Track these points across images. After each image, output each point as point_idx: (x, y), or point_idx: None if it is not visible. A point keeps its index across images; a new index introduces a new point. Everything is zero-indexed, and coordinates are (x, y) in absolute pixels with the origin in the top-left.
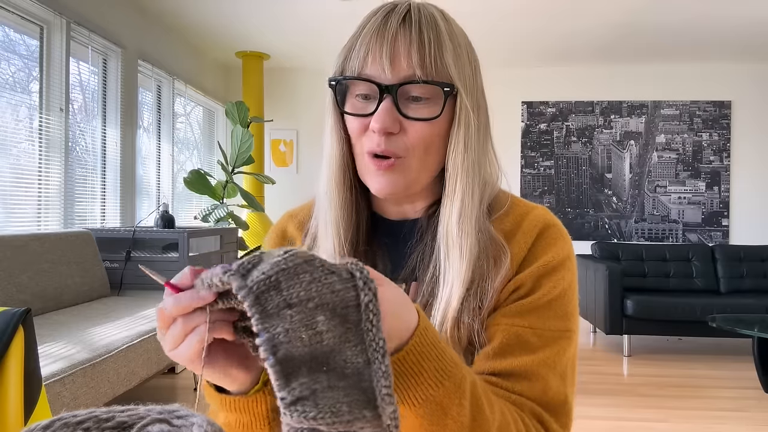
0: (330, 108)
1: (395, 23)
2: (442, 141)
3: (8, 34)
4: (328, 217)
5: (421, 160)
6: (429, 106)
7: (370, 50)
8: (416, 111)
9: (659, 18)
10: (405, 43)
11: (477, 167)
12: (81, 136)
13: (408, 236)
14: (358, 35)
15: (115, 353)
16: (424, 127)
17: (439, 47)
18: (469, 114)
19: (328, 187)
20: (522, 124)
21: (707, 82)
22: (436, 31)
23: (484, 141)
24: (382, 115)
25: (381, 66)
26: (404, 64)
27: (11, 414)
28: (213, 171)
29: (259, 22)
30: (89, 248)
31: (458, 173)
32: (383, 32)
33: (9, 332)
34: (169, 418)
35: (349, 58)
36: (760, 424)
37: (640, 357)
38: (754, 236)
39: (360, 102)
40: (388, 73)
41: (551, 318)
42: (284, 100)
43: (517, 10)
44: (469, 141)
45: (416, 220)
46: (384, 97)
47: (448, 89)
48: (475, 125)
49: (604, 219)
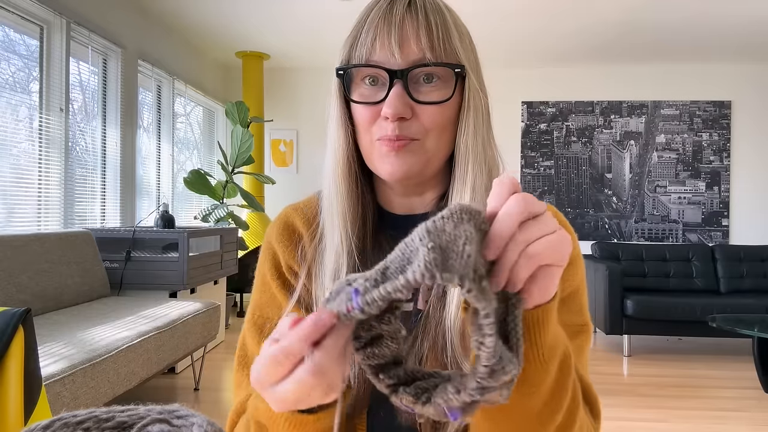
0: (335, 98)
1: (401, 9)
2: (453, 124)
3: (8, 34)
4: (333, 209)
5: (436, 141)
6: (440, 89)
7: (378, 36)
8: (427, 94)
9: (659, 18)
10: (413, 27)
11: (485, 151)
12: (81, 136)
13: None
14: (363, 23)
15: (115, 353)
16: (436, 110)
17: (447, 31)
18: (479, 95)
19: (333, 178)
20: (522, 124)
21: (707, 82)
22: (442, 16)
23: (489, 126)
24: (393, 101)
25: (390, 51)
26: (414, 47)
27: (11, 414)
28: (213, 171)
29: (259, 22)
30: (89, 248)
31: (468, 155)
32: (390, 18)
33: (9, 332)
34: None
35: (356, 46)
36: (760, 424)
37: (640, 357)
38: (754, 236)
39: (367, 89)
40: (398, 57)
41: (568, 313)
42: (284, 100)
43: (517, 10)
44: (479, 123)
45: (425, 214)
46: (394, 83)
47: (458, 70)
48: (483, 107)
49: (604, 219)
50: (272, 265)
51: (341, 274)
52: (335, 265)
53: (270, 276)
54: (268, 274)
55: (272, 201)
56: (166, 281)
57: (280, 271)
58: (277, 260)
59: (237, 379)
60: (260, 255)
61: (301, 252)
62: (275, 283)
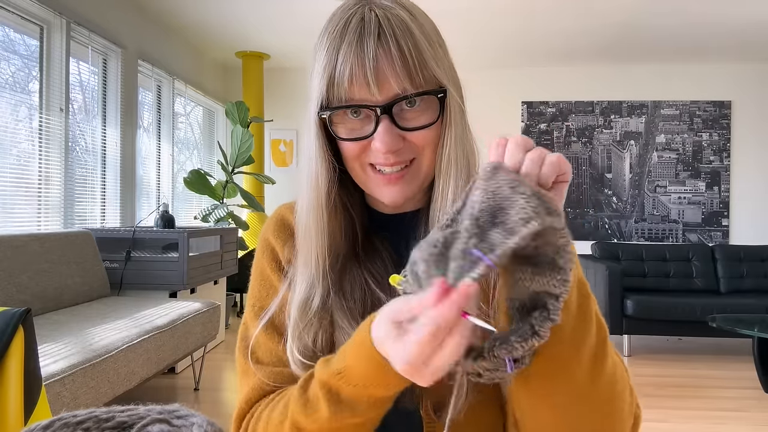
0: (316, 135)
1: (372, 43)
2: (441, 137)
3: (8, 34)
4: (312, 243)
5: (430, 157)
6: (424, 110)
7: (354, 76)
8: (414, 120)
9: (659, 17)
10: (388, 61)
11: (465, 152)
12: (81, 136)
13: (409, 228)
14: (334, 57)
15: (115, 353)
16: (426, 132)
17: (421, 55)
18: (460, 109)
19: (316, 213)
20: (522, 124)
21: (707, 82)
22: (413, 39)
23: (465, 123)
24: (383, 136)
25: (368, 90)
26: (392, 83)
27: (11, 414)
28: (213, 171)
29: (259, 22)
30: (89, 248)
31: (451, 161)
32: (361, 54)
33: (9, 332)
34: (169, 418)
35: (333, 86)
36: (760, 424)
37: (640, 357)
38: (754, 236)
39: (351, 121)
40: (377, 95)
41: None
42: (284, 100)
43: (517, 9)
44: (458, 131)
45: (417, 211)
46: (381, 119)
47: (441, 95)
48: (461, 115)
49: (604, 219)
50: (271, 259)
51: (313, 302)
52: (306, 294)
53: (270, 269)
54: (267, 268)
55: (272, 201)
56: (166, 281)
57: (279, 264)
58: (275, 254)
59: (242, 367)
60: (257, 251)
61: (295, 247)
62: (275, 276)
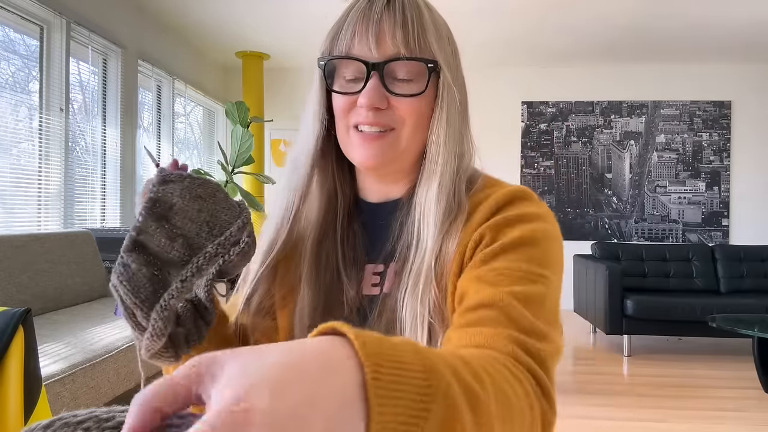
0: (316, 88)
1: (380, 6)
2: (428, 119)
3: (8, 34)
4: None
5: (411, 133)
6: (414, 84)
7: (357, 32)
8: (402, 89)
9: (660, 20)
10: (390, 24)
11: (457, 143)
12: (81, 136)
13: (388, 216)
14: (344, 18)
15: (115, 353)
16: (411, 102)
17: (422, 27)
18: (452, 90)
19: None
20: (522, 124)
21: (707, 82)
22: (419, 14)
23: (464, 118)
24: (369, 92)
25: (368, 46)
26: (389, 43)
27: (11, 414)
28: (213, 171)
29: (259, 22)
30: (89, 248)
31: (440, 148)
32: (369, 14)
33: (9, 332)
34: None
35: (337, 40)
36: (760, 424)
37: (640, 357)
38: (754, 236)
39: (347, 83)
40: (374, 51)
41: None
42: (284, 100)
43: (517, 9)
44: (452, 117)
45: (397, 200)
46: (371, 75)
47: (431, 65)
48: (457, 100)
49: (604, 219)
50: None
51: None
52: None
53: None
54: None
55: (272, 201)
56: None
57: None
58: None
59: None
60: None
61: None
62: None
